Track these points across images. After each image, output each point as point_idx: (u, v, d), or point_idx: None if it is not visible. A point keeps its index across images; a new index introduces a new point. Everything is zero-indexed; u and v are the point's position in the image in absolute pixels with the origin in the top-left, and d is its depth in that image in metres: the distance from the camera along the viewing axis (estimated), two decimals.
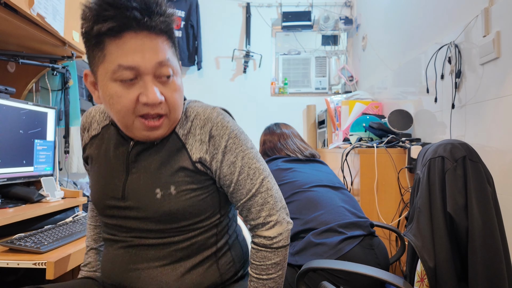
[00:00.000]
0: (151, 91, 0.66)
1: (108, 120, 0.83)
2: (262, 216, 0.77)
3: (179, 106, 0.72)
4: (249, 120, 3.30)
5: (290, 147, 1.59)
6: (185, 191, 0.73)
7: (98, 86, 0.70)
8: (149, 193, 0.73)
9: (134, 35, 0.64)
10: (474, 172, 0.90)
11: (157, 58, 0.66)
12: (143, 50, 0.64)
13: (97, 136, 0.83)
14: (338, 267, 0.96)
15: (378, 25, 2.66)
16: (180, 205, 0.73)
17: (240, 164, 0.75)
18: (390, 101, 2.35)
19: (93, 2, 0.63)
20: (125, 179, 0.76)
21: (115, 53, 0.64)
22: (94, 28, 0.63)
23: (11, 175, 1.44)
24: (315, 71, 3.47)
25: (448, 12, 1.64)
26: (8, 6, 1.21)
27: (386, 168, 1.69)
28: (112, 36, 0.64)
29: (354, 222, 1.23)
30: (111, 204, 0.77)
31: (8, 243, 1.11)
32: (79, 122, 1.94)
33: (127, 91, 0.66)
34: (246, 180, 0.76)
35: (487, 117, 1.32)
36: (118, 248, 0.78)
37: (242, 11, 3.43)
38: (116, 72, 0.65)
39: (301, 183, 1.38)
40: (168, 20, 0.67)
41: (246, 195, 0.76)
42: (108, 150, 0.79)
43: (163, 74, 0.68)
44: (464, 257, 0.90)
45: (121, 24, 0.62)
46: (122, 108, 0.67)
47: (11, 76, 1.73)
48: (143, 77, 0.66)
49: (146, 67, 0.65)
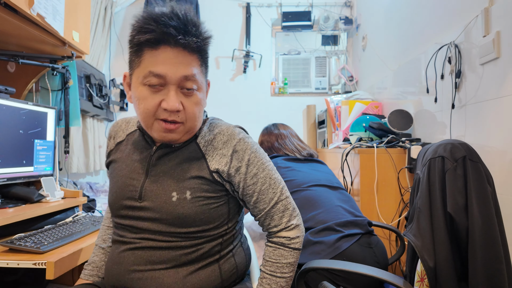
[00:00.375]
0: (172, 100, 0.74)
1: (134, 127, 0.92)
2: (284, 221, 0.84)
3: (196, 118, 0.79)
4: (249, 120, 3.29)
5: (288, 147, 1.59)
6: (199, 197, 0.78)
7: (131, 88, 0.80)
8: (166, 195, 0.78)
9: (169, 49, 0.73)
10: (474, 172, 0.90)
11: (184, 72, 0.74)
12: (173, 62, 0.73)
13: (122, 142, 0.91)
14: (338, 267, 0.96)
15: (378, 25, 2.66)
16: (193, 211, 0.77)
17: (262, 175, 0.83)
18: (390, 101, 2.35)
19: (141, 16, 0.74)
20: (144, 181, 0.81)
21: (149, 61, 0.74)
22: (135, 37, 0.74)
23: (11, 175, 1.44)
24: (315, 71, 3.47)
25: (448, 12, 1.64)
26: (8, 6, 1.21)
27: (386, 168, 1.69)
28: (150, 46, 0.73)
29: (352, 221, 1.23)
30: (127, 204, 0.81)
31: (8, 243, 1.11)
32: (79, 122, 1.94)
33: (152, 95, 0.75)
34: (268, 190, 0.83)
35: (487, 117, 1.32)
36: (125, 250, 0.80)
37: (242, 11, 3.43)
38: (146, 77, 0.74)
39: (299, 182, 1.39)
40: (201, 42, 0.76)
41: (269, 203, 0.83)
42: (132, 153, 0.86)
43: (186, 87, 0.76)
44: (464, 257, 0.90)
45: (158, 37, 0.72)
46: (145, 109, 0.75)
47: (11, 76, 1.73)
48: (168, 86, 0.74)
49: (172, 77, 0.73)
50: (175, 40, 0.72)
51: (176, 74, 0.73)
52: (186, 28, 0.73)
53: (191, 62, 0.75)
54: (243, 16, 3.42)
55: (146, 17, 0.73)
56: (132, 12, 3.32)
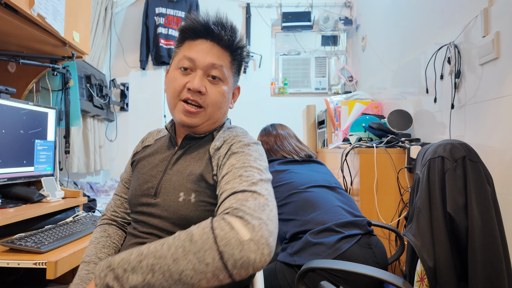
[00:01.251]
0: (197, 80, 0.80)
1: (162, 134, 0.98)
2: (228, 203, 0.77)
3: (218, 105, 0.84)
4: (249, 120, 3.29)
5: (286, 149, 1.60)
6: (203, 202, 0.78)
7: (168, 74, 0.87)
8: (175, 195, 0.79)
9: (205, 42, 0.82)
10: (474, 172, 0.90)
11: (212, 60, 0.81)
12: (205, 51, 0.82)
13: (149, 146, 0.97)
14: (338, 267, 0.96)
15: (377, 26, 2.66)
16: (195, 214, 0.77)
17: (239, 157, 0.77)
18: (389, 101, 2.35)
19: (189, 17, 0.85)
20: (161, 178, 0.83)
21: (186, 49, 0.83)
22: (180, 29, 0.85)
23: (12, 175, 1.44)
24: (315, 71, 3.48)
25: (448, 13, 1.64)
26: (9, 7, 1.22)
27: (385, 168, 1.69)
28: (190, 38, 0.84)
29: (351, 221, 1.24)
30: (143, 202, 0.83)
31: (9, 243, 1.11)
32: (79, 122, 1.94)
33: (181, 77, 0.82)
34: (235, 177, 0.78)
35: (486, 117, 1.32)
36: (134, 244, 0.81)
37: (242, 11, 3.43)
38: (180, 60, 0.82)
39: (297, 184, 1.39)
40: (234, 41, 0.84)
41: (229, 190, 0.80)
42: (156, 153, 0.90)
43: (211, 74, 0.82)
44: (464, 257, 0.90)
45: (197, 28, 0.82)
46: (173, 89, 0.82)
47: (12, 76, 1.73)
48: (196, 70, 0.81)
49: (200, 62, 0.81)
50: (212, 34, 0.81)
51: (204, 60, 0.81)
52: (222, 25, 0.83)
53: (222, 56, 0.83)
54: (243, 17, 3.42)
55: (193, 17, 0.84)
56: (132, 12, 3.33)
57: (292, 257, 1.21)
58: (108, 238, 0.91)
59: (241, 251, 0.55)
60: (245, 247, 0.55)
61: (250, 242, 0.56)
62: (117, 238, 0.94)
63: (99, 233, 0.92)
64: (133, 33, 3.30)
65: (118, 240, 0.93)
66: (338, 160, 2.01)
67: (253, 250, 0.55)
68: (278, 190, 1.40)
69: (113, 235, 0.93)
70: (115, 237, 0.93)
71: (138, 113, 3.26)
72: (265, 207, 0.62)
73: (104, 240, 0.91)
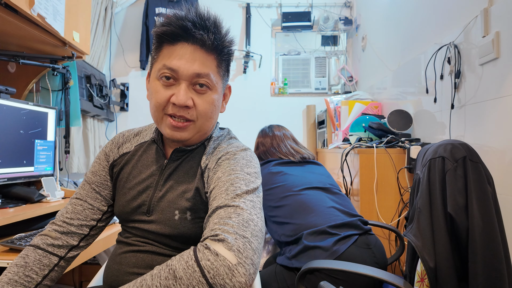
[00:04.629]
0: (182, 94, 0.72)
1: (143, 139, 0.88)
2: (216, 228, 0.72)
3: (208, 116, 0.77)
4: (249, 120, 3.29)
5: (283, 150, 1.60)
6: (199, 218, 0.77)
7: (149, 83, 0.79)
8: (170, 212, 0.77)
9: (186, 45, 0.72)
10: (474, 172, 0.90)
11: (196, 69, 0.72)
12: (187, 58, 0.72)
13: (128, 153, 0.87)
14: (338, 267, 0.96)
15: (377, 26, 2.66)
16: (193, 231, 0.76)
17: (227, 168, 0.74)
18: (389, 101, 2.35)
19: (165, 18, 0.74)
20: (153, 195, 0.79)
21: (165, 56, 0.73)
22: (155, 31, 0.74)
23: (12, 175, 1.44)
24: (314, 71, 3.48)
25: (448, 13, 1.64)
26: (9, 7, 1.22)
27: (385, 168, 1.69)
28: (168, 42, 0.73)
29: (346, 223, 1.23)
30: (135, 218, 0.80)
31: (9, 243, 1.11)
32: (79, 122, 1.94)
33: (164, 89, 0.73)
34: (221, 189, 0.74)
35: (486, 117, 1.32)
36: (127, 251, 0.80)
37: (242, 11, 3.43)
38: (160, 70, 0.73)
39: (290, 186, 1.39)
40: (219, 41, 0.74)
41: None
42: (141, 166, 0.83)
43: (198, 82, 0.74)
44: (464, 257, 0.90)
45: (175, 31, 0.71)
46: (156, 103, 0.74)
47: (12, 76, 1.73)
48: (180, 81, 0.73)
49: (183, 73, 0.72)
50: (192, 36, 0.71)
51: (188, 70, 0.72)
52: (203, 23, 0.72)
53: (206, 61, 0.74)
54: (243, 17, 3.42)
55: (171, 14, 0.74)
56: (132, 12, 3.33)
57: (290, 261, 1.21)
58: (21, 268, 0.73)
59: (232, 278, 0.53)
60: (235, 272, 0.53)
61: (239, 266, 0.54)
62: (35, 269, 0.74)
63: (14, 261, 0.75)
64: (133, 33, 3.30)
65: (36, 271, 0.74)
66: (338, 160, 2.01)
67: (242, 273, 0.54)
68: (272, 193, 1.40)
69: (31, 264, 0.74)
70: (32, 267, 0.74)
71: (138, 113, 3.27)
72: (249, 223, 0.60)
73: (13, 272, 0.72)
